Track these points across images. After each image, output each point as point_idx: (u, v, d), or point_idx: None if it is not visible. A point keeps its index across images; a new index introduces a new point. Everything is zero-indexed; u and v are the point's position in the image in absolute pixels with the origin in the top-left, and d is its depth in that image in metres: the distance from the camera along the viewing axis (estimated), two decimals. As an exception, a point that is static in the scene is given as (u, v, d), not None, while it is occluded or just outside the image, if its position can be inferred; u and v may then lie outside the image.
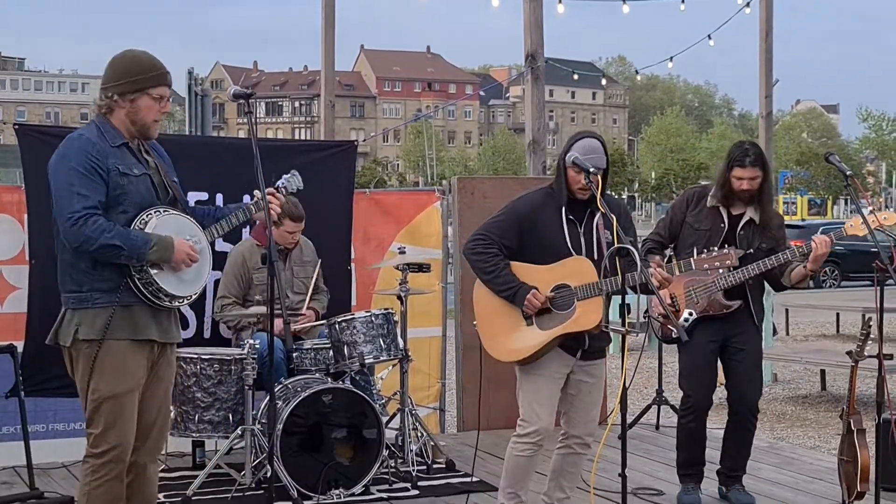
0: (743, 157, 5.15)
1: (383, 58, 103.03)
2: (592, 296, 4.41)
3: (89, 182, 3.80)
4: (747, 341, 5.30)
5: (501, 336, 4.53)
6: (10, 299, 6.04)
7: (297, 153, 6.74)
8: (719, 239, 5.13)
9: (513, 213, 4.55)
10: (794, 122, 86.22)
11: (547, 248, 4.47)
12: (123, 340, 3.86)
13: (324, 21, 7.55)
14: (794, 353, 10.06)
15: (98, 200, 3.81)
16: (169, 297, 3.91)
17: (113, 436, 3.87)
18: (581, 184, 4.42)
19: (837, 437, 7.50)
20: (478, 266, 4.51)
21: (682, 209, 5.35)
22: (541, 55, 7.46)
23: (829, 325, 15.14)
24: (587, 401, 4.62)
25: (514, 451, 4.59)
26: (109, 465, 3.88)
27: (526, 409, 4.54)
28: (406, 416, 5.85)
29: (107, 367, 3.85)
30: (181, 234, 3.94)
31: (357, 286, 6.79)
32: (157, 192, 3.99)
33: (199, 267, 3.99)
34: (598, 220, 4.50)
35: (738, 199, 5.20)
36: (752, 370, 5.35)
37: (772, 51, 9.78)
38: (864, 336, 4.99)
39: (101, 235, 3.76)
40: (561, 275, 4.45)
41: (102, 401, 3.86)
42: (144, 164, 3.99)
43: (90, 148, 3.85)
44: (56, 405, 6.18)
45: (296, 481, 5.26)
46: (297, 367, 5.79)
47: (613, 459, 4.66)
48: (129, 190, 3.88)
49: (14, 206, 6.07)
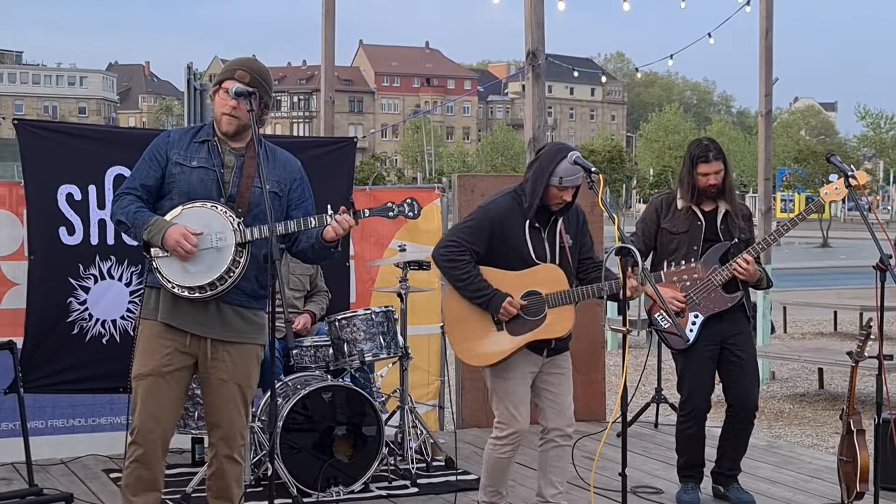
0: (706, 152, 5.24)
1: (382, 53, 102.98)
2: (564, 304, 4.53)
3: (145, 166, 4.10)
4: (744, 342, 5.33)
5: (471, 341, 4.60)
6: (9, 295, 6.03)
7: (297, 150, 6.68)
8: (700, 237, 5.23)
9: (483, 219, 4.61)
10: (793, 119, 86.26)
11: (512, 254, 4.56)
12: (149, 320, 4.05)
13: (324, 17, 7.54)
14: (792, 352, 10.07)
15: (142, 183, 4.07)
16: (172, 284, 3.98)
17: (136, 417, 4.03)
18: (563, 199, 4.54)
19: (835, 435, 7.53)
20: (451, 273, 4.56)
21: (654, 218, 5.40)
22: (541, 53, 7.44)
23: (826, 323, 15.15)
24: (558, 392, 4.69)
25: (495, 454, 4.67)
26: (132, 446, 4.05)
27: (502, 411, 4.61)
28: (406, 414, 5.85)
29: (140, 347, 4.07)
30: (206, 227, 3.97)
31: (356, 283, 6.79)
32: (219, 188, 4.05)
33: (212, 262, 3.98)
34: (561, 226, 4.64)
35: (706, 196, 5.27)
36: (751, 372, 5.36)
37: (772, 49, 9.78)
38: (865, 336, 4.99)
39: (118, 211, 4.04)
40: (532, 281, 4.54)
41: (133, 379, 4.06)
42: (218, 160, 4.07)
43: (162, 140, 4.15)
44: (55, 401, 6.18)
45: (295, 479, 5.26)
46: (297, 365, 5.79)
47: (613, 458, 4.67)
48: (179, 179, 4.05)
49: (13, 202, 6.05)
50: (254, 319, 4.14)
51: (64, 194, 5.92)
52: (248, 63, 4.13)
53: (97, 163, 5.97)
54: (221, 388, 4.08)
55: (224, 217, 4.00)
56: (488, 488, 4.77)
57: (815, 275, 24.49)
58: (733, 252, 5.21)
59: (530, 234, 4.57)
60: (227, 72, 4.10)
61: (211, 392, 4.11)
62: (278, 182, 4.14)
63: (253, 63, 4.14)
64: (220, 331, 4.05)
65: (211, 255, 3.98)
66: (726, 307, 5.23)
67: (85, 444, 6.23)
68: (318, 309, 6.14)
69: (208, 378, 4.09)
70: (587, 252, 4.76)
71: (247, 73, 4.06)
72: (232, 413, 4.11)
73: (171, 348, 4.02)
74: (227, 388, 4.08)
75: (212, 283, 3.96)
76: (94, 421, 6.30)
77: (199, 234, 3.95)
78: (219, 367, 4.06)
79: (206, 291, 3.97)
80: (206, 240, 3.97)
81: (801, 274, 23.96)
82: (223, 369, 4.07)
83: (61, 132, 6.22)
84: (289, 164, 4.24)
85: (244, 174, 4.06)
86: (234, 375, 4.09)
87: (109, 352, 5.97)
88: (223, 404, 4.10)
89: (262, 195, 3.94)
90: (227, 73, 4.09)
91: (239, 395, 4.12)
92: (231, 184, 4.06)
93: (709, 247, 5.23)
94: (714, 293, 5.21)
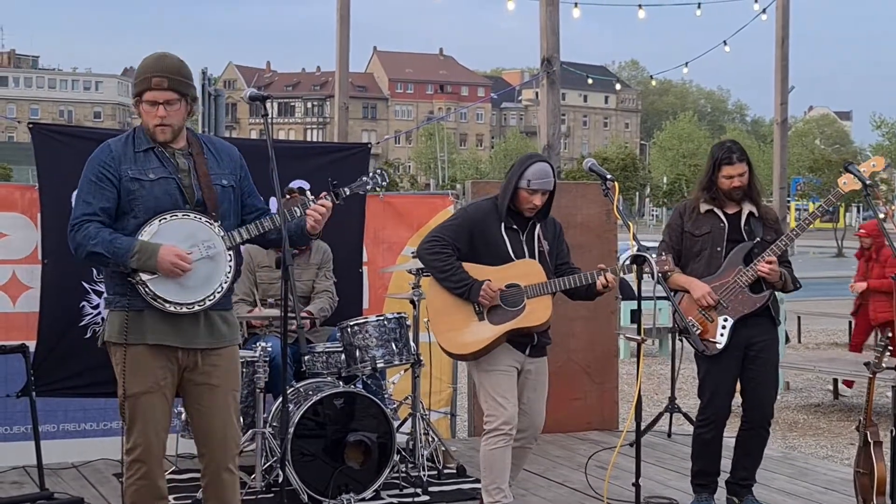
0: (729, 154, 5.21)
1: (396, 59, 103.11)
2: (541, 294, 4.77)
3: (96, 189, 3.88)
4: (767, 347, 5.26)
5: (454, 331, 4.82)
6: (22, 298, 6.04)
7: (311, 155, 6.74)
8: (723, 238, 5.19)
9: (464, 218, 4.93)
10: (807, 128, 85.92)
11: (492, 253, 4.82)
12: (139, 345, 3.88)
13: (339, 23, 7.53)
14: (807, 362, 9.99)
15: (101, 207, 3.86)
16: (173, 304, 3.85)
17: (134, 435, 3.93)
18: (533, 203, 4.80)
19: (850, 446, 7.47)
20: (433, 265, 4.84)
21: (679, 222, 5.38)
22: (556, 60, 7.43)
23: (840, 333, 15.06)
24: (533, 396, 4.92)
25: (488, 447, 4.81)
26: (135, 464, 3.94)
27: (490, 403, 4.81)
28: (417, 421, 5.83)
29: (127, 368, 3.90)
30: (190, 239, 3.87)
31: (369, 289, 6.77)
32: (183, 195, 3.93)
33: (209, 273, 3.91)
34: (539, 232, 4.90)
35: (729, 199, 5.24)
36: (770, 380, 5.31)
37: (788, 58, 9.73)
38: (883, 347, 4.94)
39: (88, 243, 3.82)
40: (511, 275, 4.80)
41: (124, 400, 3.93)
42: (172, 167, 3.94)
43: (105, 156, 3.92)
44: (66, 405, 6.18)
45: (306, 485, 5.24)
46: (309, 371, 5.77)
47: (626, 468, 4.64)
48: (141, 195, 3.87)
49: (28, 205, 6.06)
50: (232, 321, 4.09)
51: (78, 198, 5.91)
52: (160, 65, 3.85)
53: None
54: (214, 394, 3.99)
55: (204, 224, 3.91)
56: (490, 487, 4.83)
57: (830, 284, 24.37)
58: (757, 252, 5.15)
59: (508, 234, 4.83)
60: (142, 81, 3.86)
61: (202, 399, 3.99)
62: (231, 174, 4.05)
63: (164, 62, 3.87)
64: (209, 339, 3.97)
65: (205, 266, 3.90)
66: (755, 308, 5.16)
67: (96, 448, 6.22)
68: (315, 309, 6.06)
69: (198, 386, 3.98)
70: (563, 258, 5.03)
71: (163, 79, 3.83)
72: (225, 418, 4.01)
73: (163, 364, 3.91)
74: (219, 394, 4.00)
75: (212, 294, 3.90)
76: (106, 425, 6.29)
77: (190, 252, 3.85)
78: (209, 372, 3.98)
79: (206, 303, 3.90)
80: (196, 251, 3.88)
81: (816, 284, 23.85)
82: (214, 374, 3.99)
83: (76, 136, 6.23)
84: (231, 153, 4.11)
85: (200, 174, 3.95)
86: (224, 380, 4.01)
87: (121, 356, 5.95)
88: (217, 411, 4.00)
89: (224, 193, 3.96)
90: (143, 84, 3.86)
91: (231, 399, 4.05)
92: (193, 187, 3.94)
93: (732, 247, 5.19)
94: (741, 295, 5.15)
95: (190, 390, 4.00)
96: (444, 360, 7.03)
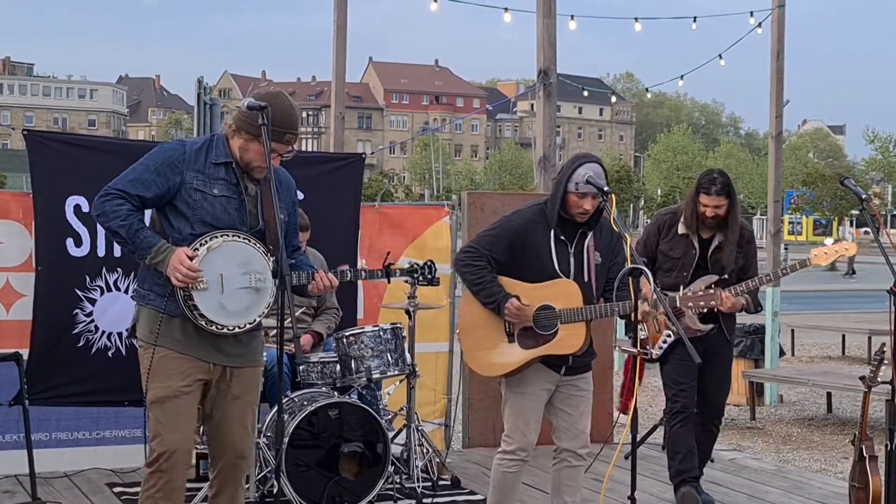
0: (710, 185, 5.30)
1: (391, 70, 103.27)
2: (576, 320, 4.44)
3: (148, 176, 3.86)
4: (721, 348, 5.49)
5: (482, 350, 4.59)
6: (16, 306, 6.01)
7: (306, 165, 6.71)
8: (692, 265, 5.37)
9: (505, 228, 4.57)
10: (801, 142, 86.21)
11: (535, 266, 4.49)
12: (168, 349, 3.88)
13: (335, 32, 7.54)
14: (801, 375, 9.99)
15: (139, 194, 3.84)
16: (206, 321, 3.84)
17: (158, 444, 3.88)
18: (583, 208, 4.43)
19: (844, 460, 7.46)
20: (466, 278, 4.58)
21: (655, 236, 5.52)
22: (553, 72, 7.45)
23: (834, 347, 15.07)
24: (574, 414, 4.63)
25: (501, 468, 4.66)
26: (156, 475, 3.89)
27: (511, 425, 4.61)
28: (412, 432, 5.81)
29: (155, 371, 3.87)
30: (246, 266, 3.88)
31: (364, 299, 6.76)
32: (246, 218, 3.94)
33: (251, 303, 3.91)
34: (590, 242, 4.54)
35: (706, 226, 5.37)
36: (723, 378, 5.55)
37: (783, 71, 9.77)
38: (878, 361, 4.95)
39: (115, 220, 3.81)
40: (547, 295, 4.47)
41: (149, 406, 3.91)
42: (243, 188, 3.94)
43: (177, 154, 3.91)
44: (59, 414, 6.15)
45: (300, 496, 5.21)
46: (304, 381, 5.75)
47: (621, 480, 4.62)
48: (202, 207, 3.88)
49: (22, 213, 6.04)
50: (260, 339, 4.15)
51: (72, 206, 5.91)
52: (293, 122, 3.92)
53: (106, 175, 5.93)
54: (234, 405, 4.02)
55: (261, 256, 3.92)
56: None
57: (823, 298, 24.41)
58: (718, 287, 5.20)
59: (556, 246, 4.49)
60: (275, 133, 3.84)
61: (224, 409, 4.02)
62: (285, 209, 4.07)
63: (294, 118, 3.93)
64: (238, 359, 4.00)
65: (250, 296, 3.91)
66: (695, 336, 5.25)
67: (89, 458, 6.19)
68: (323, 328, 6.06)
69: (220, 396, 4.01)
70: (616, 272, 4.55)
71: (294, 136, 3.93)
72: (242, 430, 4.06)
73: (191, 372, 3.92)
74: (239, 406, 4.03)
75: (246, 324, 3.91)
76: (99, 434, 6.27)
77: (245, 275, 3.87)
78: (234, 384, 4.01)
79: (237, 331, 3.90)
80: (246, 279, 3.89)
81: (810, 297, 23.88)
82: (237, 386, 4.02)
83: (70, 143, 6.22)
84: (290, 187, 4.15)
85: (265, 203, 3.95)
86: (246, 393, 4.06)
87: (115, 365, 5.94)
88: (236, 422, 4.03)
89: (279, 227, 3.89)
90: (276, 136, 3.85)
91: (250, 412, 4.09)
92: (256, 215, 3.95)
93: (699, 274, 5.36)
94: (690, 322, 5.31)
95: (210, 397, 4.02)
96: (440, 371, 7.02)
